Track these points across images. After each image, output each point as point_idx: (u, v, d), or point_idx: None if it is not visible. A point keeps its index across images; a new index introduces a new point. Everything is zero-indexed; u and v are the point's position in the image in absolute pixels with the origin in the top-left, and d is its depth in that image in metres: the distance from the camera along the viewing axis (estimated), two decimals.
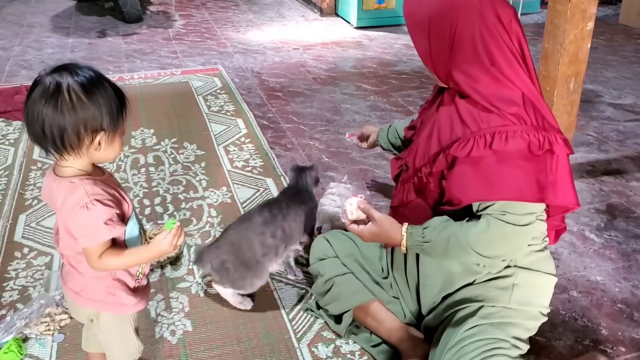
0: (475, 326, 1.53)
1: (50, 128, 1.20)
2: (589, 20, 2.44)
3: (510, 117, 1.39)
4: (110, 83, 1.26)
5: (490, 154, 1.39)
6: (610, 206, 2.63)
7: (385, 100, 3.85)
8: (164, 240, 1.31)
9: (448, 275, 1.61)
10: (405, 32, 5.48)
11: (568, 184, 1.46)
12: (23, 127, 3.37)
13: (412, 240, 1.52)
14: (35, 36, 5.33)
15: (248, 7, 6.49)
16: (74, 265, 1.35)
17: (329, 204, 2.33)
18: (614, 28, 5.59)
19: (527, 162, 1.39)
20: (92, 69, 1.25)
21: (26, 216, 2.54)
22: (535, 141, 1.38)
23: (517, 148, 1.37)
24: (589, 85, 4.07)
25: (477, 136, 1.40)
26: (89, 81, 1.21)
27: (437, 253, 1.52)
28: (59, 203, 1.27)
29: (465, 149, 1.41)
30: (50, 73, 1.23)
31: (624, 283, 2.14)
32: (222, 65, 4.53)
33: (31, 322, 1.89)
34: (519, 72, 1.44)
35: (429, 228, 1.50)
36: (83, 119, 1.20)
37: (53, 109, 1.19)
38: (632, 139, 3.32)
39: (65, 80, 1.20)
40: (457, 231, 1.46)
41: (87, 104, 1.20)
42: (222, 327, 1.92)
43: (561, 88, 2.54)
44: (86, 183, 1.26)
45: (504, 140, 1.37)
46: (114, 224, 1.27)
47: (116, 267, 1.33)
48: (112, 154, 1.30)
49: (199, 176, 2.87)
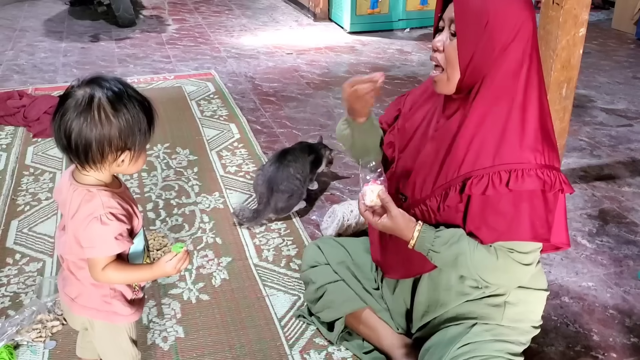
0: (468, 344, 1.51)
1: (76, 141, 1.21)
2: (581, 27, 2.45)
3: (524, 151, 1.34)
4: (139, 99, 1.26)
5: (506, 192, 1.34)
6: (602, 212, 2.64)
7: (378, 105, 3.85)
8: (169, 262, 1.31)
9: (441, 297, 1.59)
10: (399, 37, 5.50)
11: (562, 223, 1.45)
12: (16, 132, 3.37)
13: (421, 244, 1.45)
14: (27, 40, 5.32)
15: (242, 12, 6.49)
16: (73, 272, 1.35)
17: (340, 209, 2.40)
18: (607, 33, 5.62)
19: (540, 202, 1.36)
20: (123, 85, 1.25)
21: (18, 222, 2.52)
22: (549, 181, 1.35)
23: (533, 187, 1.34)
24: (582, 90, 4.09)
25: (492, 173, 1.35)
26: (119, 98, 1.21)
27: (441, 263, 1.48)
28: (73, 209, 1.26)
29: (479, 186, 1.36)
30: (82, 86, 1.22)
31: (615, 289, 2.14)
32: (216, 70, 4.53)
33: (23, 329, 1.88)
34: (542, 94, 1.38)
35: (441, 238, 1.43)
36: (109, 136, 1.20)
37: (82, 123, 1.19)
38: (625, 144, 3.33)
39: (97, 95, 1.20)
40: (467, 252, 1.40)
41: (114, 123, 1.20)
42: (214, 334, 1.92)
43: (554, 94, 2.55)
44: (103, 194, 1.26)
45: (520, 178, 1.33)
46: (123, 239, 1.27)
47: (116, 281, 1.33)
48: (134, 169, 1.31)
49: (192, 181, 2.86)
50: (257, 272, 2.22)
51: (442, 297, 1.58)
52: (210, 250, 2.34)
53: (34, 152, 3.15)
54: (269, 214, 2.49)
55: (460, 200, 1.41)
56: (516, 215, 1.35)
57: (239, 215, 2.46)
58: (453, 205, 1.42)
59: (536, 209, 1.36)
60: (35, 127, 3.38)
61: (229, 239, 2.42)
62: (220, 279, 2.18)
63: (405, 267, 1.61)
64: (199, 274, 2.20)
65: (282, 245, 2.39)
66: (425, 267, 1.55)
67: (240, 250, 2.34)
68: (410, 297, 1.68)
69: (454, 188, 1.41)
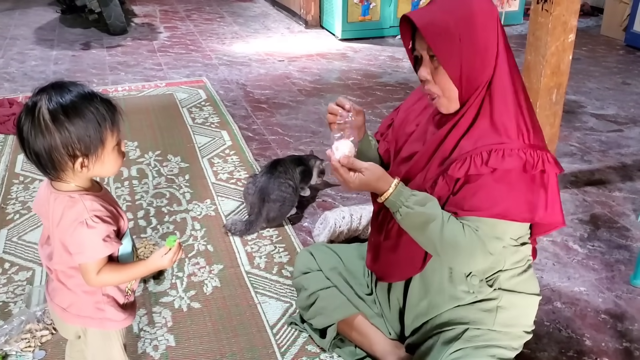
0: (460, 349, 1.51)
1: (29, 150, 1.21)
2: (570, 33, 2.47)
3: (507, 133, 1.37)
4: (95, 104, 1.23)
5: (488, 171, 1.36)
6: (593, 216, 2.64)
7: (370, 112, 3.86)
8: (164, 256, 1.32)
9: (433, 300, 1.59)
10: (390, 44, 5.51)
11: (556, 202, 1.45)
12: (6, 140, 3.35)
13: (395, 198, 1.42)
14: (18, 48, 5.30)
15: (233, 19, 6.49)
16: (63, 281, 1.34)
17: (332, 216, 2.40)
18: (596, 39, 5.66)
19: (520, 182, 1.37)
20: (76, 90, 1.22)
21: (8, 230, 2.50)
22: (530, 160, 1.36)
23: (513, 166, 1.35)
24: (572, 96, 4.11)
25: (474, 154, 1.37)
26: (62, 106, 1.19)
27: (410, 223, 1.43)
28: (56, 217, 1.25)
29: (462, 169, 1.38)
30: (35, 93, 1.21)
31: (607, 293, 2.14)
32: (207, 77, 4.52)
33: (11, 339, 1.86)
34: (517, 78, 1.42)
35: (417, 197, 1.41)
36: (52, 146, 1.19)
37: (28, 132, 1.19)
38: (615, 149, 3.35)
39: (40, 103, 1.19)
40: (440, 220, 1.39)
41: (53, 131, 1.18)
42: (206, 342, 1.90)
43: (544, 99, 2.56)
44: (86, 199, 1.25)
45: (501, 157, 1.35)
46: (111, 240, 1.27)
47: (114, 282, 1.33)
48: (106, 171, 1.29)
49: (183, 189, 2.85)
50: (249, 280, 2.21)
51: (434, 300, 1.58)
52: (201, 257, 2.33)
53: (24, 160, 3.13)
54: (261, 224, 2.49)
55: (449, 188, 1.42)
56: (493, 193, 1.36)
57: (232, 229, 2.46)
58: (443, 194, 1.44)
59: (515, 188, 1.37)
60: None
61: (220, 246, 2.41)
62: (211, 286, 2.17)
63: (399, 269, 1.61)
64: (190, 281, 2.19)
65: (274, 252, 2.38)
66: (414, 266, 1.55)
67: (232, 258, 2.33)
68: (403, 298, 1.67)
69: (442, 177, 1.43)
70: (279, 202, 2.48)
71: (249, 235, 2.47)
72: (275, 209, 2.48)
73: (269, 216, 2.48)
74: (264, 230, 2.51)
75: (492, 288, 1.54)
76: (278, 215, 2.51)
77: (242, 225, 2.47)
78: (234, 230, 2.47)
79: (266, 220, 2.49)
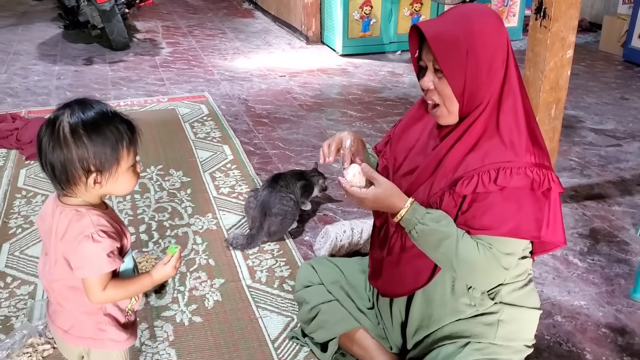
0: None
1: (45, 162, 1.23)
2: (568, 48, 2.50)
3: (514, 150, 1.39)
4: (115, 123, 1.25)
5: (496, 189, 1.37)
6: (593, 231, 2.65)
7: (370, 127, 3.89)
8: (168, 263, 1.34)
9: (435, 313, 1.59)
10: (390, 60, 5.55)
11: (559, 221, 1.46)
12: (9, 154, 3.37)
13: (411, 215, 1.42)
14: (21, 64, 5.34)
15: (235, 35, 6.54)
16: (60, 303, 1.34)
17: (333, 230, 2.42)
18: (595, 55, 5.70)
19: (528, 200, 1.38)
20: (98, 107, 1.25)
21: (10, 245, 2.51)
22: (537, 179, 1.38)
23: (521, 184, 1.37)
24: (571, 111, 4.14)
25: (482, 172, 1.38)
26: (83, 121, 1.21)
27: (425, 242, 1.44)
28: (61, 230, 1.26)
29: (470, 186, 1.39)
30: (59, 107, 1.24)
31: (607, 307, 2.15)
32: (209, 93, 4.55)
33: (13, 353, 1.87)
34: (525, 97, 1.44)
35: (432, 215, 1.42)
36: (68, 159, 1.21)
37: (47, 144, 1.21)
38: (614, 163, 3.37)
39: (61, 117, 1.21)
40: (454, 237, 1.40)
41: (70, 144, 1.20)
42: (207, 356, 1.91)
43: (543, 115, 2.58)
44: (92, 213, 1.26)
45: (509, 175, 1.36)
46: (114, 257, 1.27)
47: (119, 297, 1.33)
48: (119, 190, 1.31)
49: (185, 203, 2.86)
50: (250, 294, 2.21)
51: (436, 313, 1.59)
52: (203, 271, 2.34)
53: (26, 175, 3.15)
54: (262, 238, 2.50)
55: (455, 204, 1.43)
56: (503, 211, 1.37)
57: (233, 243, 2.48)
58: (450, 210, 1.44)
59: (524, 206, 1.38)
60: (28, 149, 3.38)
61: (222, 260, 2.42)
62: (213, 300, 2.17)
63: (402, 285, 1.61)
64: (192, 295, 2.20)
65: (275, 266, 2.39)
66: (418, 281, 1.55)
67: (233, 272, 2.34)
68: (405, 311, 1.68)
69: (448, 192, 1.43)
70: (280, 216, 2.49)
71: (250, 249, 2.48)
72: (277, 223, 2.49)
73: (270, 230, 2.49)
74: (265, 244, 2.52)
75: (493, 301, 1.55)
76: (279, 229, 2.52)
77: (243, 239, 2.48)
78: (236, 244, 2.48)
79: (267, 234, 2.50)
